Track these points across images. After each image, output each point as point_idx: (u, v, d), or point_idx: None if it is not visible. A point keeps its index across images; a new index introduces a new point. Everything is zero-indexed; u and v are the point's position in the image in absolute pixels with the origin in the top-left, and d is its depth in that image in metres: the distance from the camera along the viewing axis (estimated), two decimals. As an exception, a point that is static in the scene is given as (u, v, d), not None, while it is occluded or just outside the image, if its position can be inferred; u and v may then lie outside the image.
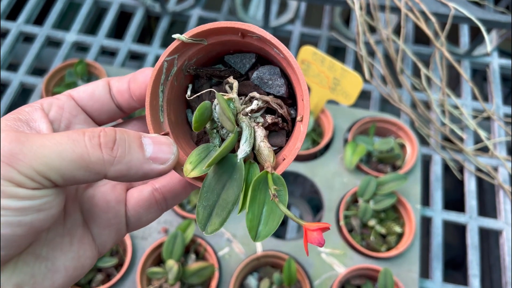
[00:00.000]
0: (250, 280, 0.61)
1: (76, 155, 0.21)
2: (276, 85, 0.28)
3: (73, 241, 0.25)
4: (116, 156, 0.23)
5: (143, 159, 0.24)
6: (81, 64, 0.75)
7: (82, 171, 0.22)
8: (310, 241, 0.23)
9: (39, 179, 0.21)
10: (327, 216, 0.65)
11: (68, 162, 0.21)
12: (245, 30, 0.26)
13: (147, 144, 0.24)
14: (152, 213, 0.29)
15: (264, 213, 0.24)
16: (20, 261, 0.23)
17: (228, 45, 0.29)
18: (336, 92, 0.66)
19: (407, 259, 0.62)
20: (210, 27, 0.26)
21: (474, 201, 0.73)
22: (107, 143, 0.23)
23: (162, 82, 0.27)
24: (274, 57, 0.28)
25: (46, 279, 0.24)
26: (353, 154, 0.67)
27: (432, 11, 0.73)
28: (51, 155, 0.21)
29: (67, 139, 0.22)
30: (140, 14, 0.92)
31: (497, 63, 0.87)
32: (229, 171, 0.25)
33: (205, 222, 0.25)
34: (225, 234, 0.63)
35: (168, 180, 0.29)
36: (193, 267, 0.59)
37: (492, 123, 0.81)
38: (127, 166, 0.23)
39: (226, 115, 0.25)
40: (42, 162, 0.21)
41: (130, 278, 0.60)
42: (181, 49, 0.27)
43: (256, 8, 0.96)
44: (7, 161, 0.20)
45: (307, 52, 0.64)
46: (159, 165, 0.24)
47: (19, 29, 0.89)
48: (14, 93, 0.81)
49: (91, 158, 0.22)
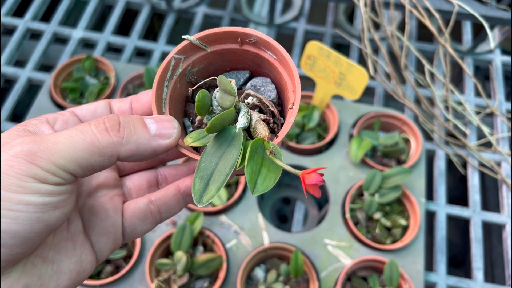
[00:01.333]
0: (258, 272, 0.62)
1: (87, 143, 0.23)
2: (268, 91, 0.31)
3: (76, 246, 0.27)
4: (124, 137, 0.24)
5: (149, 136, 0.26)
6: (89, 59, 0.76)
7: (96, 157, 0.23)
8: (310, 182, 0.24)
9: (60, 172, 0.23)
10: (333, 209, 0.66)
11: (82, 151, 0.23)
12: (243, 34, 0.29)
13: (150, 123, 0.26)
14: (147, 224, 0.30)
15: (262, 170, 0.26)
16: (29, 263, 0.24)
17: (227, 57, 0.31)
18: (342, 87, 0.67)
19: (412, 251, 0.63)
20: (213, 31, 0.29)
21: (477, 195, 0.74)
22: (113, 126, 0.24)
23: (167, 78, 0.30)
24: (267, 66, 0.31)
25: (52, 281, 0.25)
26: (358, 148, 0.68)
27: (436, 7, 0.74)
28: (66, 148, 0.23)
29: (75, 131, 0.23)
30: (146, 12, 0.93)
31: (499, 60, 0.88)
32: (227, 140, 0.27)
33: (201, 193, 0.25)
34: (232, 226, 0.64)
35: (163, 193, 0.31)
36: (201, 258, 0.59)
37: (495, 119, 0.82)
38: (135, 144, 0.25)
39: (227, 90, 0.27)
40: (60, 156, 0.22)
41: (139, 270, 0.61)
42: (188, 51, 0.30)
43: (261, 5, 0.97)
44: (29, 159, 0.22)
45: (314, 47, 0.65)
46: (165, 140, 0.26)
47: (26, 25, 0.90)
48: (21, 89, 0.82)
49: (101, 142, 0.24)
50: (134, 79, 0.76)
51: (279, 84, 0.31)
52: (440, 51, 0.78)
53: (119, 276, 0.59)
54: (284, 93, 0.31)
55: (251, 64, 0.32)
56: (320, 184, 0.24)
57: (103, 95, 0.74)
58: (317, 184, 0.24)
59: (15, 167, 0.21)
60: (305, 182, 0.24)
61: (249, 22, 0.93)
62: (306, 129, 0.72)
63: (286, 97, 0.30)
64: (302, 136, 0.72)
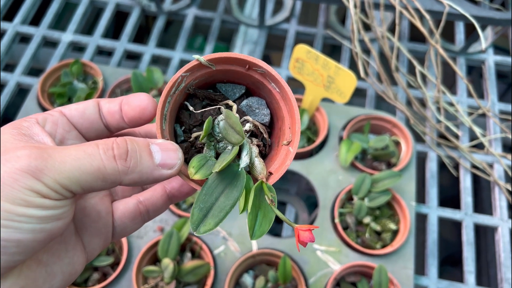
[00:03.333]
0: (246, 278, 0.61)
1: (93, 168, 0.24)
2: (262, 114, 0.32)
3: (68, 248, 0.27)
4: (129, 167, 0.25)
5: (153, 166, 0.26)
6: (76, 64, 0.75)
7: (99, 182, 0.24)
8: (303, 239, 0.26)
9: (62, 191, 0.23)
10: (322, 213, 0.65)
11: (87, 175, 0.24)
12: (253, 63, 0.29)
13: (156, 151, 0.27)
14: (137, 223, 0.31)
15: (259, 215, 0.27)
16: (25, 267, 0.25)
17: (229, 75, 0.32)
18: (331, 90, 0.66)
19: (402, 256, 0.62)
20: (224, 55, 0.29)
21: (469, 197, 0.73)
22: (121, 155, 0.25)
23: (171, 94, 0.30)
24: (266, 92, 0.31)
25: (46, 282, 0.26)
26: (348, 151, 0.68)
27: (426, 8, 0.74)
28: (72, 169, 0.23)
29: (83, 154, 0.24)
30: (136, 14, 0.92)
31: (492, 60, 0.87)
32: (229, 177, 0.28)
33: (198, 223, 0.26)
34: (220, 233, 0.64)
35: (151, 193, 0.32)
36: (188, 265, 0.59)
37: (488, 120, 0.81)
38: (139, 174, 0.26)
39: (236, 129, 0.28)
40: (65, 177, 0.23)
41: (126, 277, 0.60)
42: (195, 69, 0.30)
43: (251, 7, 0.96)
44: (34, 175, 0.22)
45: (301, 50, 0.64)
46: (167, 170, 0.27)
47: (15, 29, 0.89)
48: (10, 93, 0.81)
49: (107, 169, 0.24)
50: (122, 84, 0.75)
51: (274, 111, 0.32)
52: (431, 52, 0.77)
53: (106, 283, 0.59)
54: (278, 121, 0.32)
55: (249, 83, 0.32)
56: (311, 242, 0.26)
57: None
58: (309, 242, 0.26)
59: (20, 181, 0.22)
60: (299, 237, 0.26)
61: (240, 23, 0.92)
62: (296, 132, 0.71)
63: (279, 124, 0.31)
64: (291, 140, 0.71)
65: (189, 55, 0.87)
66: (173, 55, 0.87)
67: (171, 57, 0.87)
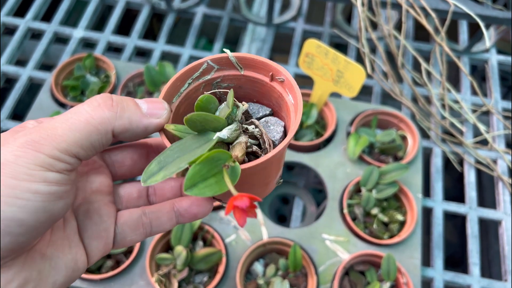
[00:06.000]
0: (257, 266, 0.62)
1: (82, 122, 0.24)
2: (275, 131, 0.31)
3: (71, 245, 0.28)
4: (117, 112, 0.25)
5: (141, 114, 0.27)
6: (89, 58, 0.77)
7: (94, 135, 0.24)
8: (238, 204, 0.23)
9: (64, 157, 0.24)
10: (331, 204, 0.67)
11: (79, 132, 0.24)
12: (275, 69, 0.30)
13: (141, 103, 0.28)
14: (137, 234, 0.31)
15: (209, 179, 0.25)
16: (29, 258, 0.25)
17: (256, 87, 0.32)
18: (340, 85, 0.68)
19: (409, 246, 0.64)
20: (250, 56, 0.31)
21: (473, 192, 0.75)
22: (105, 102, 0.26)
23: (193, 77, 0.30)
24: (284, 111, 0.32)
25: (50, 276, 0.26)
26: (356, 144, 0.69)
27: (432, 7, 0.75)
28: (64, 131, 0.24)
29: (70, 114, 0.25)
30: (146, 12, 0.94)
31: (495, 59, 0.89)
32: (201, 143, 0.27)
33: (150, 175, 0.25)
34: (231, 222, 0.65)
35: (158, 208, 0.31)
36: (201, 253, 0.60)
37: (491, 117, 0.83)
38: (128, 120, 0.26)
39: (227, 103, 0.29)
40: (61, 140, 0.23)
41: (139, 264, 0.61)
42: (223, 64, 0.31)
43: (259, 5, 0.98)
44: (34, 149, 0.23)
45: (312, 45, 0.66)
46: (155, 118, 0.27)
47: (27, 25, 0.91)
48: (22, 87, 0.82)
49: (95, 119, 0.25)
50: (134, 78, 0.76)
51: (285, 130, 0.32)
52: (436, 50, 0.79)
53: (119, 270, 0.60)
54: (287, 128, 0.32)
55: (275, 104, 0.33)
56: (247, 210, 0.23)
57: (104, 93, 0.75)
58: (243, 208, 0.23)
59: (23, 157, 0.22)
60: (233, 202, 0.23)
61: (248, 22, 0.94)
62: (305, 126, 0.73)
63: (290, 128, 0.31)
64: (300, 133, 0.73)
65: (198, 52, 0.89)
66: (183, 51, 0.89)
67: (181, 53, 0.88)
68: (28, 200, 0.22)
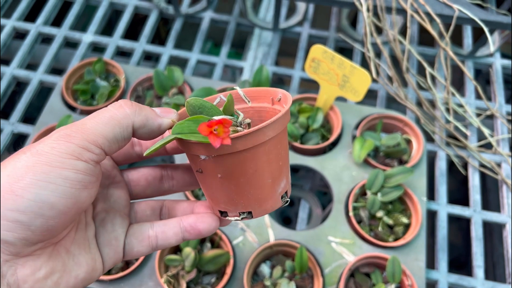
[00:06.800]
0: (263, 268, 0.63)
1: (107, 118, 0.28)
2: None
3: (91, 245, 0.30)
4: (136, 110, 0.29)
5: (155, 114, 0.31)
6: (99, 62, 0.78)
7: (117, 128, 0.28)
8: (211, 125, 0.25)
9: (91, 147, 0.27)
10: (337, 207, 0.68)
11: (105, 125, 0.28)
12: (274, 93, 0.34)
13: (155, 108, 0.31)
14: (143, 246, 0.33)
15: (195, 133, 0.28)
16: (55, 251, 0.28)
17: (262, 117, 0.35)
18: (345, 89, 0.69)
19: (414, 249, 0.65)
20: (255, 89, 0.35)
21: (478, 195, 0.75)
22: (126, 103, 0.30)
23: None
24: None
25: (73, 270, 0.28)
26: (361, 148, 0.70)
27: (437, 12, 0.76)
28: (93, 125, 0.27)
29: (97, 113, 0.29)
30: (155, 16, 0.95)
31: (499, 64, 0.90)
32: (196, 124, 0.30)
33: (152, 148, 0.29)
34: (239, 224, 0.66)
35: (165, 222, 0.34)
36: (209, 254, 0.61)
37: (495, 121, 0.83)
38: (145, 116, 0.30)
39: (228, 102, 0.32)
40: (90, 132, 0.27)
41: (148, 265, 0.62)
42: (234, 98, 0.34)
43: (266, 10, 1.00)
44: (67, 140, 0.26)
45: (318, 50, 0.67)
46: (167, 118, 0.31)
47: (38, 30, 0.92)
48: (33, 91, 0.84)
49: (118, 115, 0.29)
50: (143, 82, 0.78)
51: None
52: (441, 55, 0.80)
53: (129, 271, 0.61)
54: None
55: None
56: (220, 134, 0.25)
57: (114, 97, 0.76)
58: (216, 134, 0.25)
59: (57, 148, 0.26)
60: (208, 128, 0.25)
61: (254, 26, 0.95)
62: (310, 130, 0.74)
63: None
64: (306, 137, 0.74)
65: (205, 57, 0.90)
66: (191, 56, 0.90)
67: (189, 58, 0.90)
68: (59, 185, 0.25)
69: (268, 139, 0.29)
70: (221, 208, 0.32)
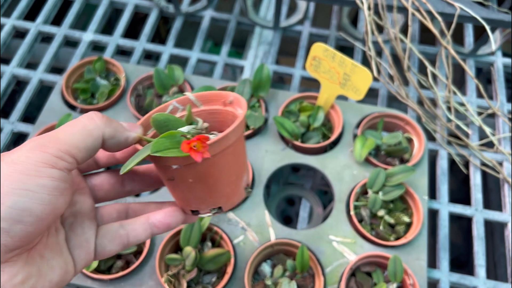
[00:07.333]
0: (264, 267, 0.63)
1: (79, 128, 0.30)
2: None
3: (63, 250, 0.32)
4: (106, 122, 0.31)
5: (123, 127, 0.33)
6: (99, 61, 0.78)
7: (89, 138, 0.30)
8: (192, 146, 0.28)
9: (65, 156, 0.28)
10: (338, 206, 0.68)
11: (77, 135, 0.29)
12: (225, 96, 0.36)
13: (122, 123, 0.33)
14: (115, 245, 0.35)
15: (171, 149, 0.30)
16: (30, 257, 0.28)
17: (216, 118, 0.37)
18: (346, 88, 0.68)
19: (415, 248, 0.64)
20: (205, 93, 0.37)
21: (479, 194, 0.75)
22: (96, 115, 0.31)
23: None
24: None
25: (48, 274, 0.29)
26: (362, 147, 0.70)
27: (438, 10, 0.76)
28: (66, 135, 0.29)
29: (70, 123, 0.30)
30: (155, 15, 0.95)
31: (501, 62, 0.90)
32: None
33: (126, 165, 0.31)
34: (239, 223, 0.66)
35: (133, 220, 0.36)
36: (209, 253, 0.61)
37: (497, 119, 0.83)
38: (115, 129, 0.32)
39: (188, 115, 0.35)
40: (63, 143, 0.28)
41: (149, 264, 0.62)
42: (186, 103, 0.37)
43: (266, 9, 0.99)
44: (41, 150, 0.27)
45: (319, 49, 0.67)
46: (134, 132, 0.33)
47: (37, 29, 0.92)
48: (33, 90, 0.84)
49: (90, 126, 0.30)
50: (143, 81, 0.78)
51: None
52: (442, 53, 0.79)
53: (129, 270, 0.61)
54: None
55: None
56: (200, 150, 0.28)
57: (114, 96, 0.76)
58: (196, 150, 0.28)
59: (32, 157, 0.27)
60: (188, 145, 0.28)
61: (255, 25, 0.95)
62: (311, 129, 0.74)
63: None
64: (307, 135, 0.74)
65: (206, 55, 0.90)
66: (191, 54, 0.90)
67: (189, 56, 0.90)
68: (37, 192, 0.26)
69: (233, 142, 0.31)
70: (192, 208, 0.35)
